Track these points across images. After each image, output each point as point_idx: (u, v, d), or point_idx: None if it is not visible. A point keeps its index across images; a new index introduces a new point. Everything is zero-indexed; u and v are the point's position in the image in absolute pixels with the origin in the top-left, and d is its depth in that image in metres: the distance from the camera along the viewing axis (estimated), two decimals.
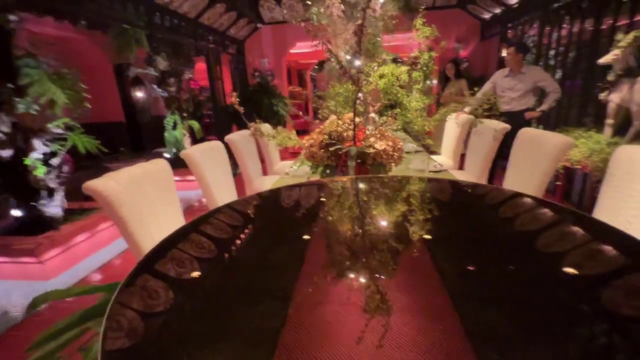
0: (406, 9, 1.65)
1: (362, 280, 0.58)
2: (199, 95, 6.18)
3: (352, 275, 0.60)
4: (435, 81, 4.90)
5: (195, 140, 5.28)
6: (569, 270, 0.63)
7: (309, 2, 2.38)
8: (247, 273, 0.68)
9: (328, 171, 1.37)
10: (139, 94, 5.56)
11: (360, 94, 1.16)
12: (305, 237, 0.79)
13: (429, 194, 0.99)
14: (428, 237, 0.71)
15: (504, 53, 5.11)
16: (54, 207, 2.86)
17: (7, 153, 2.54)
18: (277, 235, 0.85)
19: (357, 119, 1.36)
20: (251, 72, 6.23)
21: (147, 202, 1.62)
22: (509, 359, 0.40)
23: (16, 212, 2.80)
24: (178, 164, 2.47)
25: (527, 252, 0.74)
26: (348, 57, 2.59)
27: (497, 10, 4.84)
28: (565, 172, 3.09)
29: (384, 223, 0.77)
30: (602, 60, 2.51)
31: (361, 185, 1.10)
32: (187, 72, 4.97)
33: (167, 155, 5.18)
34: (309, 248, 0.71)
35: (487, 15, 5.17)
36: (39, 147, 2.66)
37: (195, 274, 0.64)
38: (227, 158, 2.60)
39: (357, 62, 2.33)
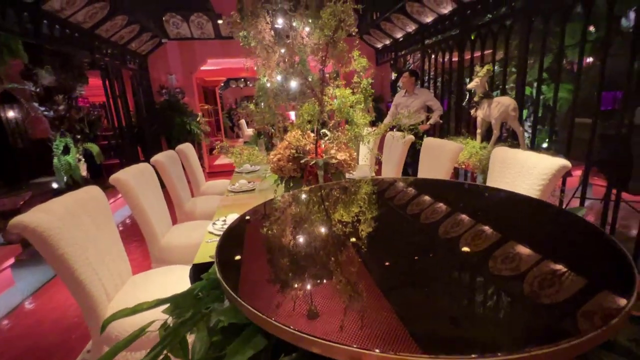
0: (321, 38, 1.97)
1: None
2: (92, 114, 5.40)
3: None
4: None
5: (94, 166, 4.58)
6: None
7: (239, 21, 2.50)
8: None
9: (292, 184, 1.50)
10: (11, 114, 4.54)
11: (323, 113, 1.35)
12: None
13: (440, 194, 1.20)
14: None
15: (393, 77, 6.11)
16: None
17: None
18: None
19: (313, 135, 1.54)
20: (157, 89, 5.78)
21: (85, 233, 1.44)
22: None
23: None
24: None
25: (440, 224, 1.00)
26: (279, 78, 2.77)
27: (388, 42, 5.77)
28: (454, 170, 3.90)
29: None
30: (469, 86, 3.33)
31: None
32: (80, 88, 4.33)
33: (55, 185, 4.33)
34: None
35: (379, 45, 6.10)
36: None
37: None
38: (158, 181, 2.43)
39: (293, 83, 2.53)
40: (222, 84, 10.97)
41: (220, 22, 5.25)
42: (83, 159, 4.43)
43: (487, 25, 3.52)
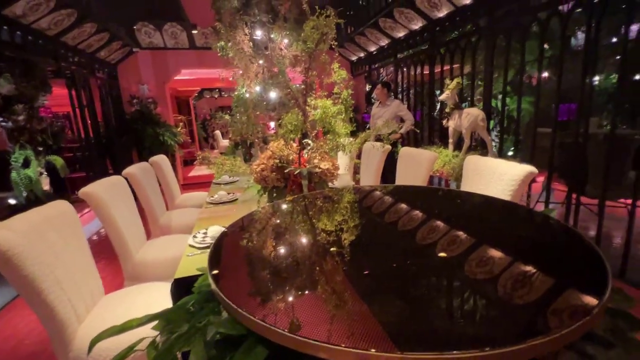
0: (303, 51, 2.02)
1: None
2: (56, 125, 5.10)
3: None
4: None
5: (58, 180, 4.30)
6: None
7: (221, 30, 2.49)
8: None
9: (275, 194, 1.50)
10: None
11: (307, 123, 1.37)
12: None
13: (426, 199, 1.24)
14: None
15: (368, 88, 6.30)
16: None
17: None
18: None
19: (295, 145, 1.55)
20: (127, 99, 5.57)
21: (52, 251, 1.35)
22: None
23: None
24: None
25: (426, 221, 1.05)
26: (258, 88, 2.78)
27: (362, 55, 5.95)
28: (429, 178, 4.04)
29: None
30: (440, 98, 3.50)
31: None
32: (42, 98, 4.08)
33: (12, 201, 4.01)
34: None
35: (354, 58, 6.28)
36: None
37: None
38: (131, 194, 2.33)
39: (273, 94, 2.54)
40: (196, 94, 10.78)
41: (195, 32, 5.19)
42: (45, 173, 4.15)
43: (455, 41, 3.74)
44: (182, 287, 1.28)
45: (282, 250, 0.79)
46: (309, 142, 1.55)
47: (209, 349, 0.48)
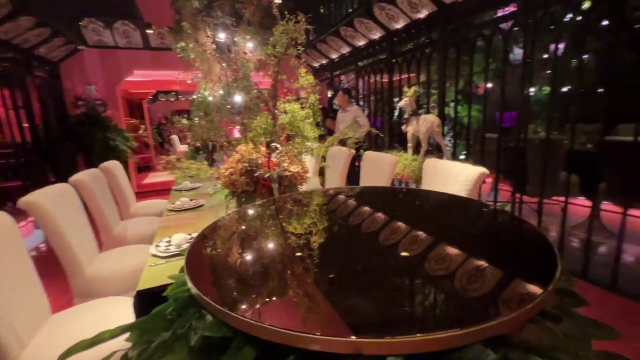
0: (272, 55, 2.01)
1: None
2: None
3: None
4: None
5: None
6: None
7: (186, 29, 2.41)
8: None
9: (244, 198, 1.48)
10: None
11: (275, 127, 1.37)
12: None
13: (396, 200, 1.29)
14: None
15: (329, 94, 6.43)
16: None
17: None
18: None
19: (263, 148, 1.55)
20: (71, 101, 5.11)
21: None
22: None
23: None
24: None
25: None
26: (221, 91, 2.72)
27: (324, 62, 6.07)
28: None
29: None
30: (399, 105, 3.69)
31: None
32: None
33: None
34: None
35: (316, 64, 6.39)
36: None
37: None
38: (81, 203, 2.14)
39: (237, 97, 2.51)
40: (151, 97, 10.19)
41: (150, 32, 4.93)
42: None
43: (411, 52, 3.97)
44: (146, 299, 1.21)
45: (260, 251, 0.79)
46: (277, 145, 1.56)
47: (193, 355, 0.47)
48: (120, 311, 1.47)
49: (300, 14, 1.25)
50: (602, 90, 3.73)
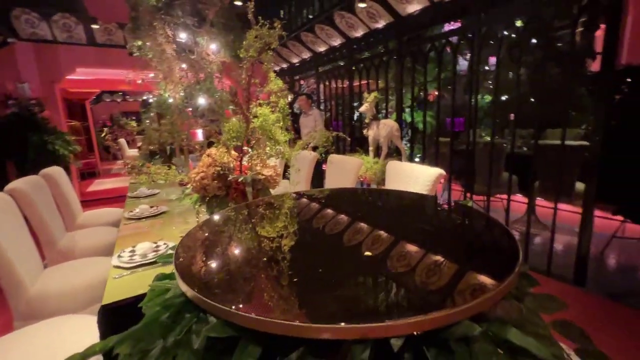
0: (236, 58, 1.98)
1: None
2: None
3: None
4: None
5: None
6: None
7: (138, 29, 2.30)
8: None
9: (216, 203, 1.45)
10: None
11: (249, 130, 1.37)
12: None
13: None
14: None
15: (289, 99, 6.48)
16: None
17: None
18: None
19: (233, 152, 1.54)
20: (0, 99, 4.53)
21: None
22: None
23: None
24: None
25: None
26: (182, 93, 2.63)
27: (285, 66, 6.09)
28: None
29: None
30: (360, 110, 3.83)
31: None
32: None
33: None
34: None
35: (277, 68, 6.38)
36: None
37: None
38: (20, 215, 1.93)
39: (201, 100, 2.43)
40: (94, 97, 9.37)
41: (96, 27, 4.56)
42: None
43: (370, 59, 4.15)
44: (112, 313, 1.12)
45: (250, 250, 0.80)
46: (248, 149, 1.56)
47: (198, 358, 0.47)
48: (80, 330, 1.35)
49: (277, 20, 1.27)
50: (533, 100, 4.22)
